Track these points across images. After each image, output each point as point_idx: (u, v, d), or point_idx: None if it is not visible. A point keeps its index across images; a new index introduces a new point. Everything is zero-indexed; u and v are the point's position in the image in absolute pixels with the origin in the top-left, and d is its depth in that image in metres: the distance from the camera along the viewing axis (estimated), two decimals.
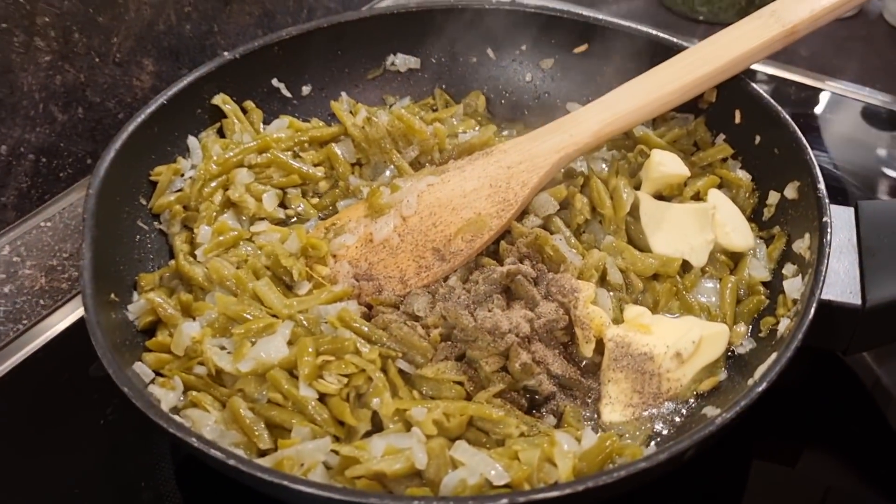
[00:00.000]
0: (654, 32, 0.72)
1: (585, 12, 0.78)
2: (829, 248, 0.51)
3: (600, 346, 0.55)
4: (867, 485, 0.55)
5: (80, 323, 0.65)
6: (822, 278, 0.49)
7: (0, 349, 0.64)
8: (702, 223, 0.61)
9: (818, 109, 0.86)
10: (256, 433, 0.49)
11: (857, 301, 0.51)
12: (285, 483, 0.41)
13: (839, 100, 0.87)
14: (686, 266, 0.60)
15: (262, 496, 0.45)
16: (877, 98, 0.86)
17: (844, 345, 0.54)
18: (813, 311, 0.48)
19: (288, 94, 0.74)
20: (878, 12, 0.98)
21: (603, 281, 0.59)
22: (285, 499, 0.44)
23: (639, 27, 0.73)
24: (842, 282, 0.52)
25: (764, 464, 0.56)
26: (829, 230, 0.52)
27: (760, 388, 0.44)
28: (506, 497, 0.40)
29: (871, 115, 0.85)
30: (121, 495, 0.55)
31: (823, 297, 0.50)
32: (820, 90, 0.88)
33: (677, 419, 0.53)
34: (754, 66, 0.87)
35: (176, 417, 0.48)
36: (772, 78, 0.90)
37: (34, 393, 0.62)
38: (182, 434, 0.43)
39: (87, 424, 0.58)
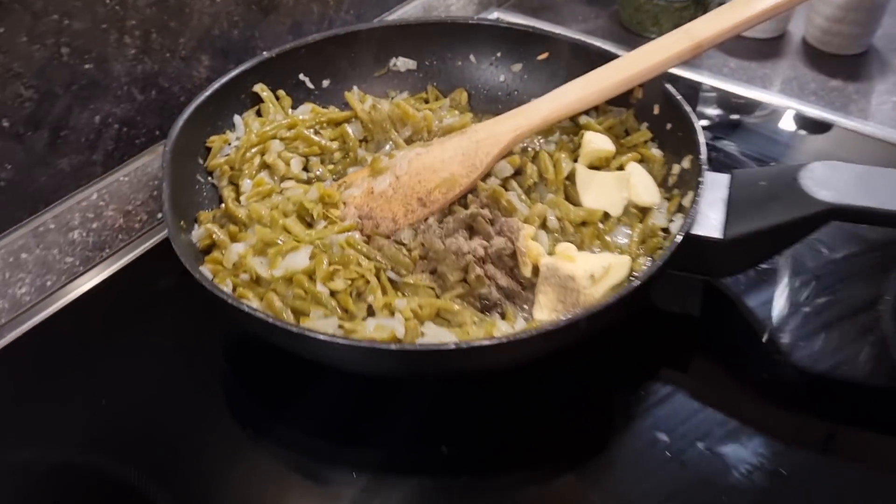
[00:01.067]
0: (597, 44, 0.91)
1: (548, 28, 0.98)
2: (700, 198, 0.71)
3: (537, 271, 0.75)
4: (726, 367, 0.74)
5: (150, 252, 0.87)
6: (692, 219, 0.69)
7: (89, 269, 0.85)
8: (620, 185, 0.80)
9: (737, 111, 1.06)
10: (284, 315, 0.69)
11: (719, 236, 0.71)
12: (307, 333, 0.61)
13: (756, 103, 1.07)
14: (607, 216, 0.80)
15: (288, 357, 0.65)
16: (787, 103, 1.06)
17: (712, 270, 0.73)
18: (682, 237, 0.68)
19: (311, 86, 0.95)
20: (802, 34, 1.18)
21: (543, 226, 0.79)
22: (306, 349, 0.64)
23: (586, 40, 0.92)
24: (710, 224, 0.71)
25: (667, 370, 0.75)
26: (701, 187, 0.72)
27: (637, 284, 0.64)
28: (454, 344, 0.60)
29: (778, 116, 1.04)
30: (184, 369, 0.75)
31: (693, 232, 0.70)
32: (742, 96, 1.08)
33: None
34: (685, 73, 1.08)
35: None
36: (712, 87, 1.09)
37: (115, 302, 0.82)
38: (237, 303, 0.63)
39: (156, 322, 0.79)
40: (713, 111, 1.05)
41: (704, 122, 1.03)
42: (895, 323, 0.76)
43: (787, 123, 1.03)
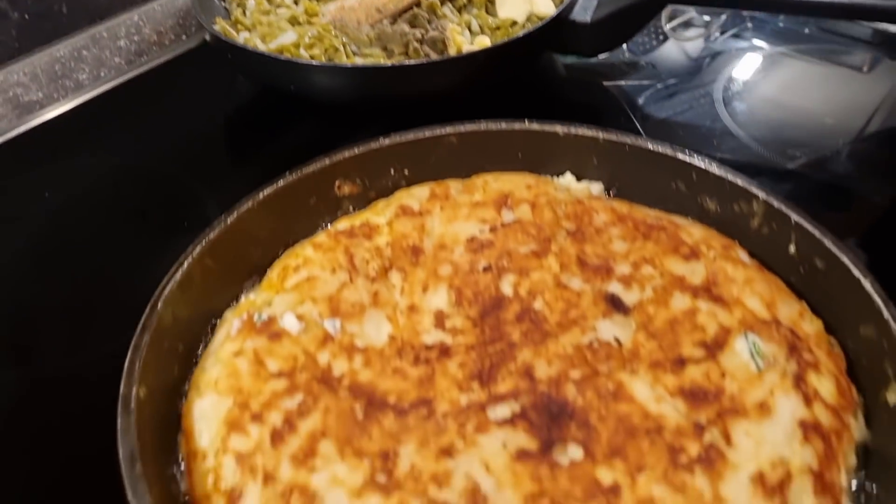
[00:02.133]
0: None
1: None
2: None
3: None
4: None
5: (176, 58, 1.15)
6: (567, 4, 0.98)
7: (133, 69, 1.14)
8: (525, 1, 1.09)
9: None
10: None
11: (588, 19, 0.99)
12: (295, 61, 0.89)
13: None
14: (514, 22, 1.08)
15: (278, 105, 0.93)
16: None
17: (582, 49, 1.02)
18: (555, 17, 0.96)
19: None
20: None
21: (469, 28, 1.07)
22: (295, 75, 0.91)
23: None
24: (582, 10, 1.00)
25: None
26: None
27: (520, 35, 0.92)
28: (390, 64, 0.88)
29: None
30: (205, 121, 1.03)
31: (569, 17, 0.98)
32: None
33: None
34: None
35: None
36: None
37: (152, 86, 1.10)
38: (245, 46, 0.92)
39: (183, 95, 1.07)
40: None
41: None
42: (723, 92, 1.04)
43: None
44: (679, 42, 1.18)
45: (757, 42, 1.17)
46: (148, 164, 0.94)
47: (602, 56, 1.08)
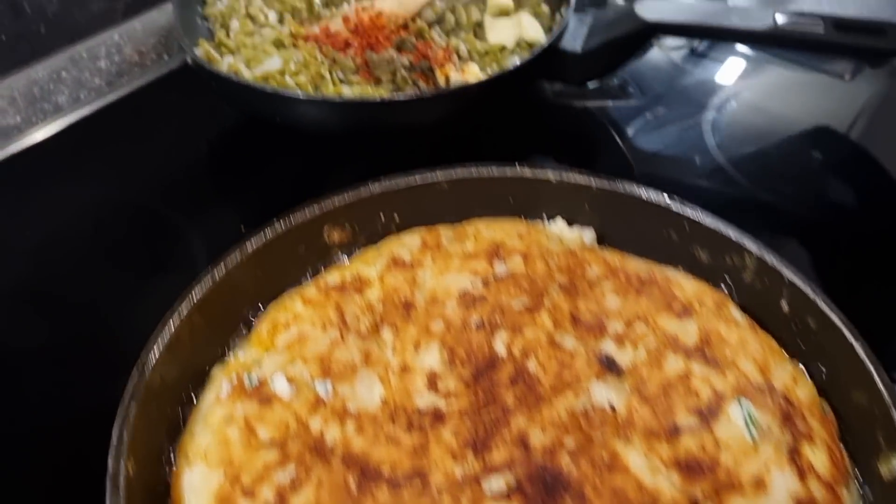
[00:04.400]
0: None
1: None
2: (567, 23, 0.99)
3: (447, 81, 1.02)
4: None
5: (158, 80, 1.13)
6: (555, 36, 0.97)
7: (113, 90, 1.11)
8: (515, 27, 1.08)
9: None
10: None
11: (578, 49, 0.98)
12: (282, 93, 0.88)
13: None
14: (503, 48, 1.07)
15: (257, 134, 0.92)
16: None
17: (572, 77, 1.01)
18: (546, 45, 0.95)
19: None
20: None
21: (457, 53, 1.06)
22: (280, 107, 0.90)
23: None
24: (572, 39, 0.99)
25: None
26: (569, 11, 1.00)
27: (513, 67, 0.91)
28: (379, 98, 0.87)
29: None
30: (186, 146, 1.01)
31: (559, 46, 0.97)
32: None
33: None
34: None
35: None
36: None
37: (132, 109, 1.08)
38: (229, 76, 0.90)
39: (165, 119, 1.05)
40: None
41: None
42: (712, 123, 1.04)
43: None
44: (664, 51, 1.17)
45: (741, 48, 1.18)
46: (129, 196, 0.92)
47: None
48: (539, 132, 1.04)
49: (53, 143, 1.01)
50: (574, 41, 0.99)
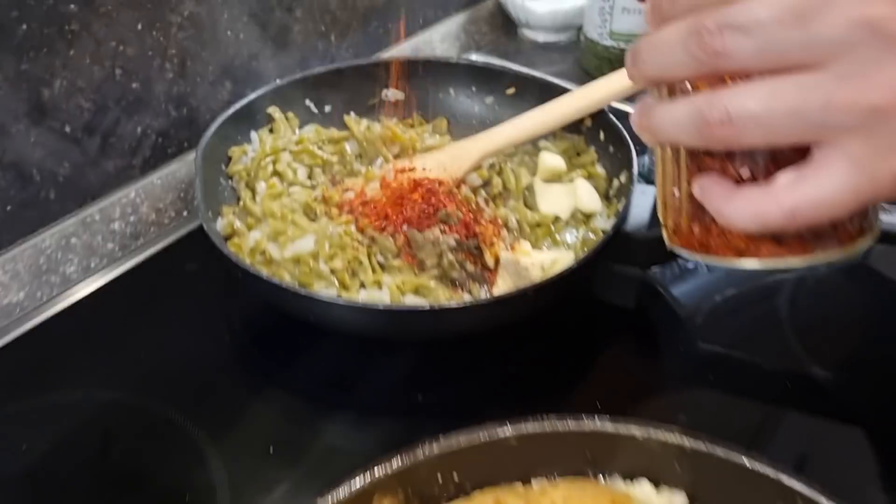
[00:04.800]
0: (556, 81, 1.11)
1: (515, 68, 1.17)
2: (631, 203, 0.89)
3: (498, 261, 0.92)
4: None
5: (177, 242, 1.03)
6: (622, 219, 0.87)
7: (127, 255, 1.01)
8: (569, 195, 0.98)
9: None
10: None
11: (645, 233, 0.88)
12: (312, 295, 0.78)
13: None
14: (557, 220, 0.97)
15: (291, 325, 0.82)
16: None
17: (640, 261, 0.91)
18: (613, 231, 0.85)
19: (315, 111, 1.12)
20: None
21: (505, 225, 0.96)
22: (310, 309, 0.80)
23: (545, 77, 1.12)
24: (638, 223, 0.89)
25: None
26: (632, 193, 0.90)
27: (575, 266, 0.81)
28: (429, 306, 0.77)
29: None
30: (207, 333, 0.91)
31: (625, 230, 0.88)
32: None
33: None
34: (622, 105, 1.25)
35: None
36: None
37: (149, 281, 0.98)
38: (256, 272, 0.80)
39: (183, 296, 0.95)
40: None
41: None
42: (789, 310, 0.93)
43: None
44: None
45: None
46: (140, 400, 0.82)
47: None
48: (591, 311, 0.94)
49: (58, 325, 0.91)
50: (641, 222, 0.89)
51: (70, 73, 0.90)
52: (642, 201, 0.91)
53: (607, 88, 1.03)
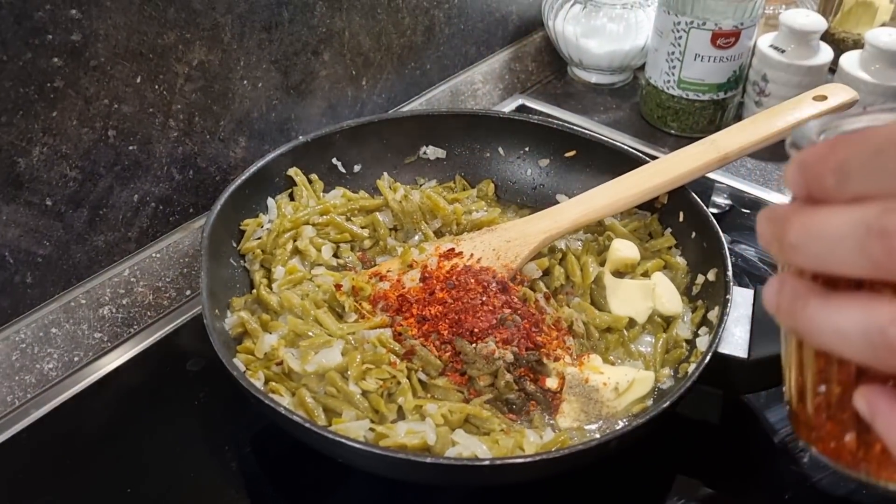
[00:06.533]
0: (626, 147, 0.94)
1: (577, 126, 1.01)
2: (728, 317, 0.73)
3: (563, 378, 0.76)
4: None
5: (178, 330, 0.88)
6: (718, 337, 0.71)
7: (117, 346, 0.86)
8: (645, 294, 0.82)
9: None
10: (316, 414, 0.70)
11: (744, 355, 0.72)
12: (342, 440, 0.62)
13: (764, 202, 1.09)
14: (632, 323, 0.81)
15: (317, 456, 0.66)
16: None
17: (735, 387, 0.75)
18: (709, 357, 0.69)
19: (343, 171, 0.96)
20: None
21: (570, 330, 0.80)
22: (339, 454, 0.64)
23: (614, 142, 0.95)
24: (736, 342, 0.73)
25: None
26: (729, 305, 0.74)
27: (666, 405, 0.65)
28: (488, 461, 0.61)
29: None
30: (210, 456, 0.75)
31: (720, 350, 0.71)
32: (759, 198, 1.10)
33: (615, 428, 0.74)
34: (712, 175, 1.09)
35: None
36: (728, 186, 1.12)
37: (143, 381, 0.82)
38: (273, 404, 0.64)
39: (183, 405, 0.79)
40: (729, 212, 1.07)
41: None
42: None
43: None
44: None
45: None
46: None
47: None
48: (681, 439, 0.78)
49: (30, 436, 0.76)
50: (737, 340, 0.73)
51: (52, 139, 0.74)
52: (736, 311, 0.75)
53: (690, 162, 0.87)
